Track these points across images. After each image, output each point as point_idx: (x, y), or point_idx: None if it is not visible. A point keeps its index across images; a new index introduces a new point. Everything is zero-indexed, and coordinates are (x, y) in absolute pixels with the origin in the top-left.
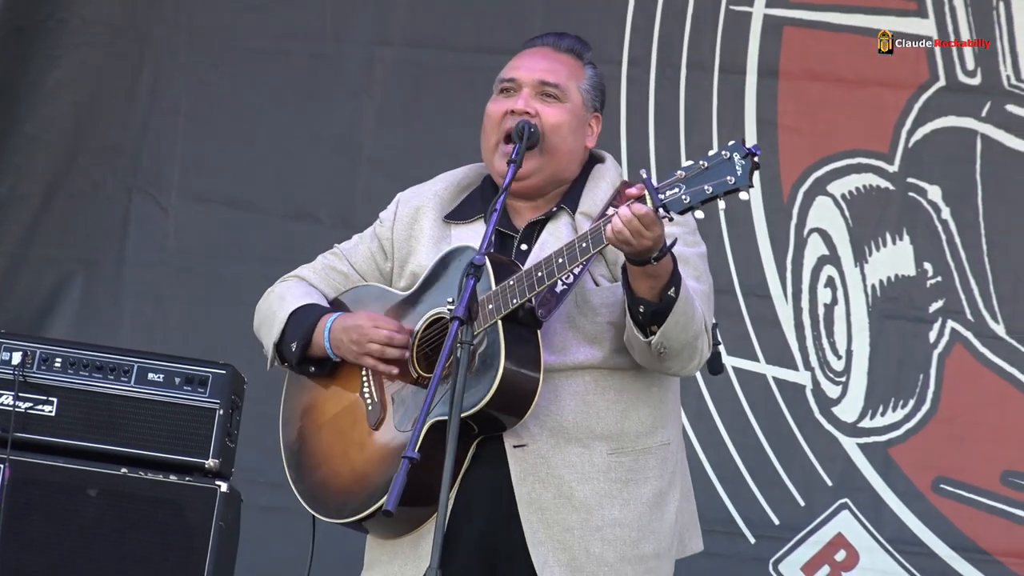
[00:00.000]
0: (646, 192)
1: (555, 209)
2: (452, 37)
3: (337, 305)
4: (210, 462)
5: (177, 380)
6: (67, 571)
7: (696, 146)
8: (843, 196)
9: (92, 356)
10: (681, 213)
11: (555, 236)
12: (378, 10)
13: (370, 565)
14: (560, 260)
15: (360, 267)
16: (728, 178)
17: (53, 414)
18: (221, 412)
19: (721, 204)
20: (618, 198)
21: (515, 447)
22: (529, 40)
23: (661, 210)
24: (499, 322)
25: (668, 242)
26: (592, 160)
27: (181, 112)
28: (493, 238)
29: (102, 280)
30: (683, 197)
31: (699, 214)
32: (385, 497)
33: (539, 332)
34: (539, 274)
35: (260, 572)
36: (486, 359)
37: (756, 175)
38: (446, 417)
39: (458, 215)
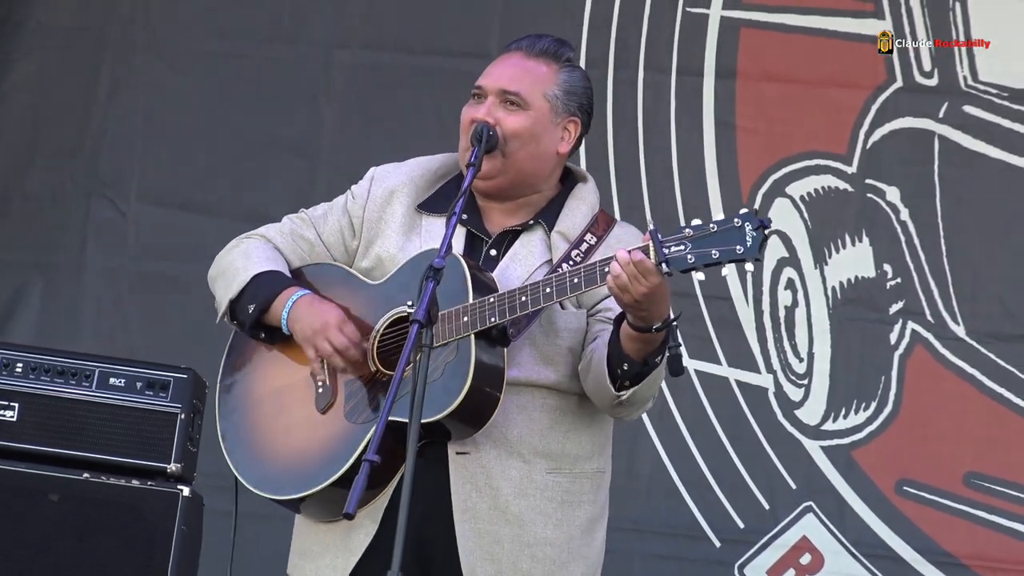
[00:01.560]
0: (650, 243)
1: (531, 222)
2: (410, 39)
3: (298, 276)
4: (172, 466)
5: (138, 384)
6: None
7: (655, 148)
8: (802, 198)
9: (53, 361)
10: (683, 272)
11: (528, 249)
12: (335, 12)
13: (302, 552)
14: (548, 290)
15: (327, 239)
16: (737, 247)
17: (14, 419)
18: (183, 416)
19: (724, 271)
20: (595, 225)
21: (458, 453)
22: (511, 42)
23: (663, 265)
24: (471, 336)
25: (672, 315)
26: (573, 178)
27: (139, 115)
28: (464, 240)
29: (61, 284)
30: (688, 256)
31: (700, 276)
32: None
33: (505, 350)
34: (523, 299)
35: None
36: (454, 370)
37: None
38: (402, 419)
39: (431, 207)
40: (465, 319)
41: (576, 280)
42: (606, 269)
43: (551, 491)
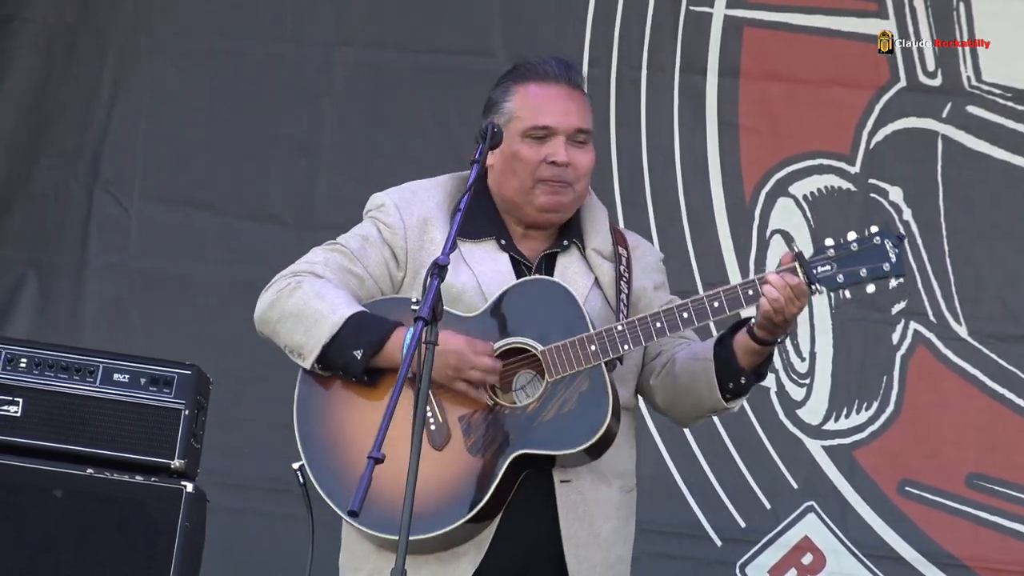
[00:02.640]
0: (797, 265)
1: (566, 243)
2: (411, 38)
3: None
4: (176, 463)
5: (142, 380)
6: (31, 572)
7: (657, 147)
8: (805, 197)
9: (58, 356)
10: (832, 291)
11: (572, 270)
12: (337, 12)
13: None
14: (686, 315)
15: (373, 272)
16: (883, 265)
17: (18, 414)
18: (187, 412)
19: (870, 288)
20: (617, 237)
21: (562, 482)
22: (534, 68)
23: (815, 285)
24: (602, 365)
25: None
26: None
27: (142, 114)
28: (509, 265)
29: (63, 281)
30: (837, 276)
31: (846, 294)
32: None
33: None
34: (658, 325)
35: (225, 574)
36: (590, 400)
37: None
38: (534, 451)
39: (465, 233)
40: (592, 348)
41: (717, 304)
42: (750, 292)
43: (622, 510)
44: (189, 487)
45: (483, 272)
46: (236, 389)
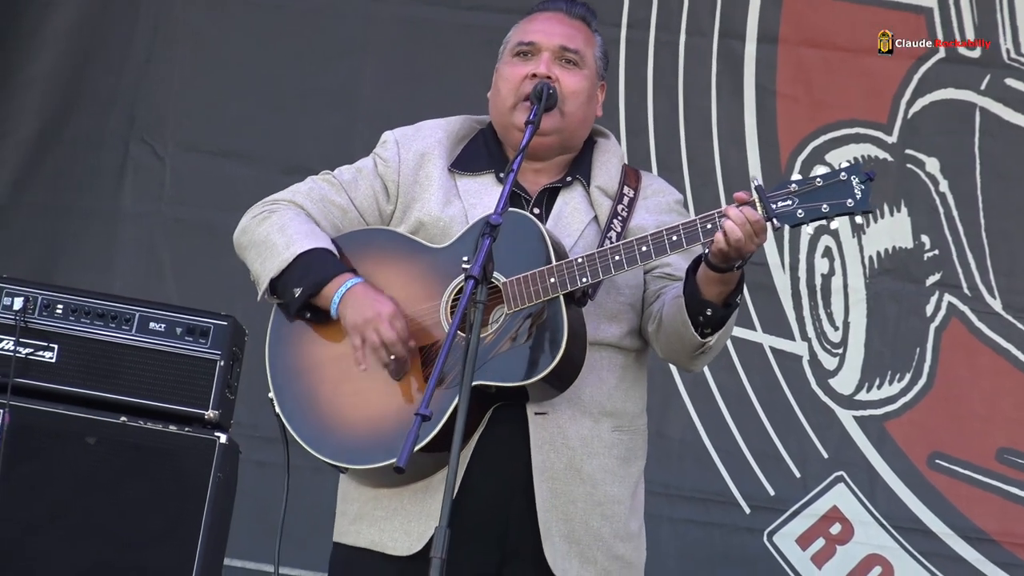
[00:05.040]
0: (756, 199)
1: (569, 179)
2: None
3: (339, 247)
4: (210, 413)
5: (178, 330)
6: (64, 518)
7: (695, 112)
8: (841, 165)
9: (94, 304)
10: (792, 227)
11: (571, 205)
12: None
13: (358, 517)
14: (644, 248)
15: (360, 204)
16: (847, 200)
17: (53, 361)
18: (222, 363)
19: (833, 224)
20: (628, 178)
21: (536, 414)
22: (540, 4)
23: (773, 220)
24: (560, 297)
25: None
26: (591, 134)
27: (179, 62)
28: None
29: (97, 228)
30: (797, 211)
31: (809, 229)
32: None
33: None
34: (616, 258)
35: (255, 526)
36: (544, 333)
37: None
38: (485, 383)
39: (463, 166)
40: (552, 280)
41: (675, 238)
42: (708, 226)
43: (616, 449)
44: (222, 438)
45: (473, 205)
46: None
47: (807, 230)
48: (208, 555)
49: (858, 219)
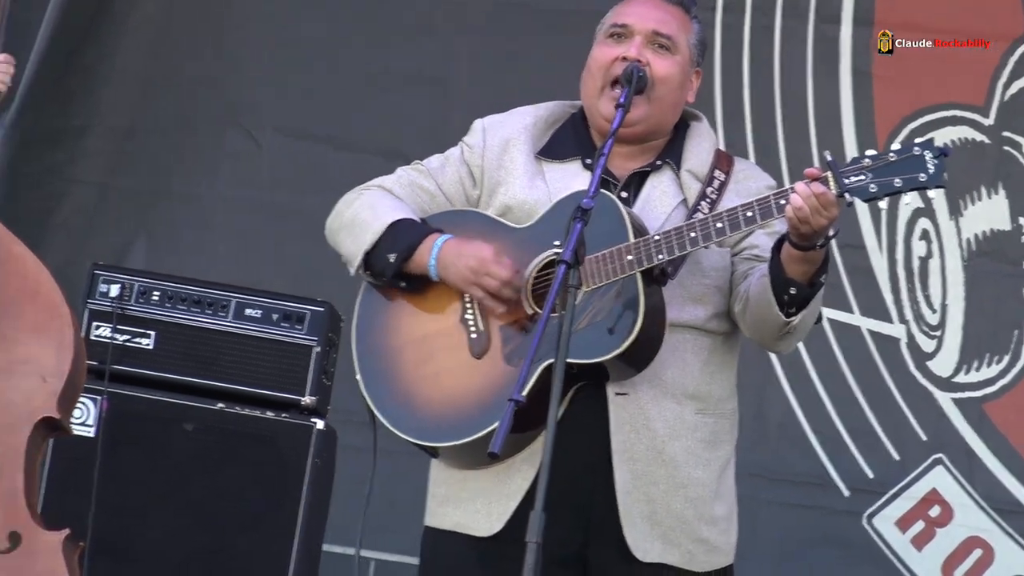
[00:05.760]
0: (829, 174)
1: (658, 163)
2: None
3: (434, 223)
4: (306, 399)
5: (275, 316)
6: (161, 505)
7: (791, 95)
8: None
9: (190, 290)
10: (866, 201)
11: (660, 190)
12: None
13: (444, 500)
14: (720, 225)
15: (447, 189)
16: (920, 175)
17: (151, 347)
18: (318, 349)
19: (905, 199)
20: (719, 162)
21: (617, 394)
22: None
23: (846, 195)
24: (638, 274)
25: (831, 231)
26: (683, 117)
27: (273, 47)
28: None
29: (193, 213)
30: (870, 186)
31: (882, 204)
32: (491, 438)
33: (663, 289)
34: (692, 234)
35: (354, 512)
36: (621, 311)
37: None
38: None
39: (550, 153)
40: (629, 258)
41: (750, 214)
42: (782, 202)
43: (699, 432)
44: (319, 424)
45: (558, 190)
46: None
47: (904, 210)
48: (306, 541)
49: (931, 194)
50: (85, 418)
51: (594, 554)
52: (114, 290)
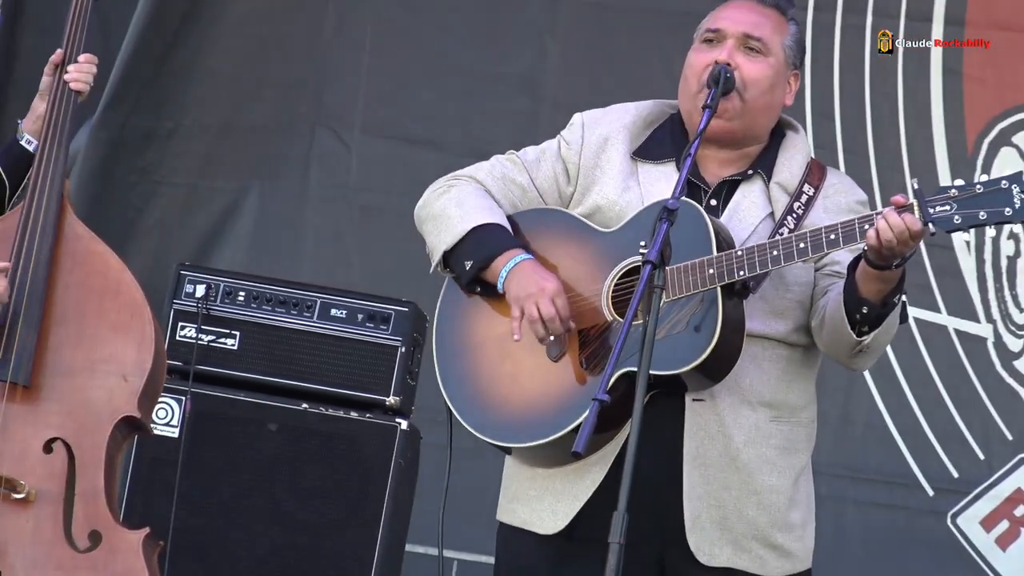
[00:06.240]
0: (915, 203)
1: (750, 172)
2: None
3: (522, 220)
4: (391, 399)
5: (359, 317)
6: (245, 504)
7: (881, 94)
8: None
9: (275, 291)
10: (949, 232)
11: (749, 200)
12: None
13: (516, 497)
14: (802, 245)
15: (541, 185)
16: (1005, 209)
17: (235, 348)
18: (403, 350)
19: (991, 231)
20: (811, 175)
21: (694, 400)
22: None
23: (930, 225)
24: (718, 288)
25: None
26: (780, 125)
27: (365, 48)
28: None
29: (282, 213)
30: (955, 217)
31: (967, 236)
32: (575, 437)
33: (744, 302)
34: (774, 253)
35: (438, 509)
36: (699, 323)
37: None
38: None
39: (646, 154)
40: (711, 271)
41: (833, 237)
42: (866, 227)
43: (775, 439)
44: (403, 424)
45: (651, 193)
46: None
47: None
48: (389, 541)
49: (1017, 228)
50: (169, 418)
51: (668, 557)
52: (200, 290)
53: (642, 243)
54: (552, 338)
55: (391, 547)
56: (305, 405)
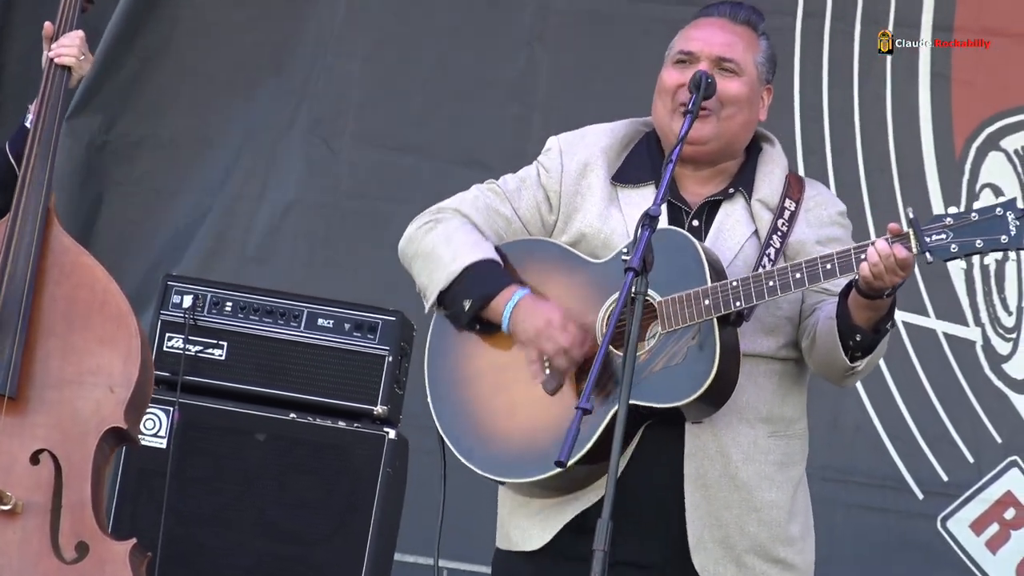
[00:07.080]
0: (911, 232)
1: (731, 191)
2: None
3: (503, 256)
4: (379, 409)
5: (347, 326)
6: (233, 514)
7: (870, 98)
8: (1016, 152)
9: (262, 301)
10: (945, 261)
11: (733, 218)
12: None
13: (506, 521)
14: (798, 275)
15: (523, 215)
16: (1001, 237)
17: (223, 358)
18: (390, 359)
19: (986, 259)
20: (790, 189)
21: (694, 423)
22: (704, 8)
23: (927, 255)
24: (714, 319)
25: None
26: (755, 139)
27: (356, 56)
28: (664, 208)
29: (270, 220)
30: (951, 246)
31: (962, 264)
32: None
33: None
34: (770, 283)
35: (427, 517)
36: (696, 355)
37: None
38: (637, 403)
39: (625, 178)
40: (707, 302)
41: (829, 267)
42: (862, 257)
43: (772, 455)
44: (391, 433)
45: (633, 218)
46: None
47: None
48: (378, 550)
49: (1012, 255)
50: (157, 429)
51: None
52: (186, 301)
53: (624, 248)
54: (548, 370)
55: (380, 557)
56: (293, 415)
